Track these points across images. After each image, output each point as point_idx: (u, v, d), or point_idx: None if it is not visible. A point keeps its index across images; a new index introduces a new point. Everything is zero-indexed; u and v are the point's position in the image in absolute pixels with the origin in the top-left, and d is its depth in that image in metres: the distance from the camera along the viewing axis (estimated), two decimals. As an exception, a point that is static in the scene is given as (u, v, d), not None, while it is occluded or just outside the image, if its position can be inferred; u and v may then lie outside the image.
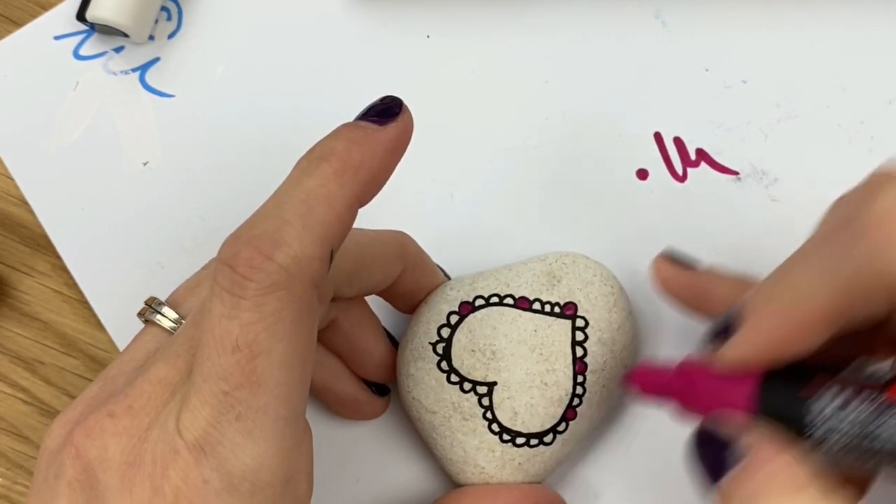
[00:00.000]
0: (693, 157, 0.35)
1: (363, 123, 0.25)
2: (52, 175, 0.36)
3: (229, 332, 0.22)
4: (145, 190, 0.36)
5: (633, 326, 0.32)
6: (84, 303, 0.35)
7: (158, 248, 0.35)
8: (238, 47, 0.37)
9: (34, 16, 0.37)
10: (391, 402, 0.34)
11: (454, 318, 0.31)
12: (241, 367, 0.22)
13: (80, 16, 0.36)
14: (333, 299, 0.29)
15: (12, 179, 0.36)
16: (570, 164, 0.36)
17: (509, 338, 0.31)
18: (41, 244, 0.36)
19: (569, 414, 0.31)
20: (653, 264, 0.31)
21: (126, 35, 0.36)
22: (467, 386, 0.30)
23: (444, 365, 0.31)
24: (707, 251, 0.35)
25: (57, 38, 0.37)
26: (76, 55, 0.37)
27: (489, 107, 0.36)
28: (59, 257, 0.35)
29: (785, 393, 0.24)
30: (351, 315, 0.31)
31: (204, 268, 0.29)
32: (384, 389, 0.33)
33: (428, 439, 0.31)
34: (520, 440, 0.30)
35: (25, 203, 0.36)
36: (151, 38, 0.37)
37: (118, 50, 0.37)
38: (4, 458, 0.35)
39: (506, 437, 0.30)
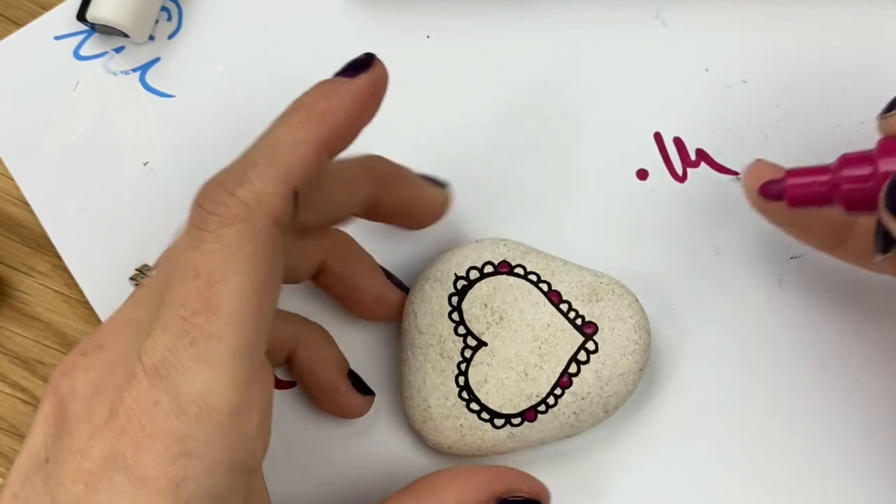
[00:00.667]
0: (693, 157, 0.35)
1: (334, 78, 0.27)
2: (52, 175, 0.36)
3: (192, 262, 0.23)
4: (145, 190, 0.36)
5: (634, 381, 0.32)
6: (84, 303, 0.35)
7: (159, 248, 0.35)
8: (238, 47, 0.37)
9: (34, 16, 0.37)
10: (390, 409, 0.34)
11: (489, 269, 0.32)
12: (198, 294, 0.23)
13: (81, 16, 0.36)
14: (304, 234, 0.30)
15: (12, 179, 0.36)
16: (570, 164, 0.35)
17: (523, 316, 0.31)
18: (41, 244, 0.36)
19: (528, 414, 0.31)
20: (746, 170, 0.30)
21: (126, 35, 0.36)
22: (461, 330, 0.31)
23: (454, 300, 0.31)
24: (707, 251, 0.35)
25: (57, 38, 0.37)
26: (76, 55, 0.37)
27: (489, 107, 0.36)
28: (59, 257, 0.35)
29: None
30: (339, 255, 0.32)
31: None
32: (367, 389, 0.33)
33: (403, 354, 0.32)
34: (474, 406, 0.31)
35: (25, 203, 0.36)
36: (151, 38, 0.37)
37: (118, 50, 0.37)
38: (4, 458, 0.35)
39: (465, 395, 0.31)
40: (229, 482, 0.24)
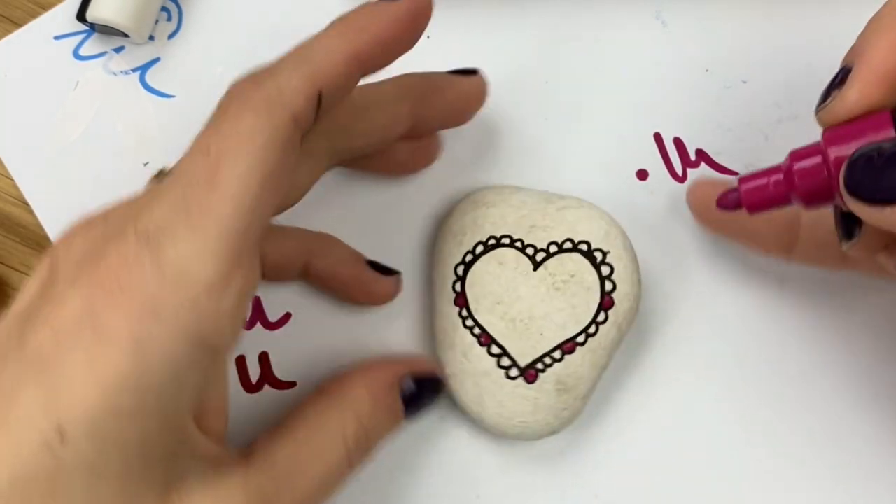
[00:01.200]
0: (693, 157, 0.35)
1: (379, 0, 0.27)
2: (52, 175, 0.36)
3: (205, 139, 0.25)
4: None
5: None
6: (84, 303, 0.35)
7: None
8: (238, 47, 0.37)
9: (34, 16, 0.37)
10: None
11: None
12: (204, 168, 0.24)
13: (80, 16, 0.36)
14: (340, 162, 0.31)
15: (12, 179, 0.36)
16: (570, 164, 0.36)
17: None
18: (41, 244, 0.36)
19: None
20: (689, 190, 0.31)
21: (126, 35, 0.36)
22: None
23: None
24: (708, 251, 0.35)
25: (57, 38, 0.37)
26: (76, 55, 0.37)
27: (489, 107, 0.36)
28: (59, 257, 0.35)
29: None
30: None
31: None
32: (390, 271, 0.33)
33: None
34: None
35: (25, 203, 0.36)
36: (151, 38, 0.37)
37: (118, 50, 0.37)
38: (4, 459, 0.35)
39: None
40: (190, 355, 0.24)
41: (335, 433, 0.28)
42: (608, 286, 0.31)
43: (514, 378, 0.31)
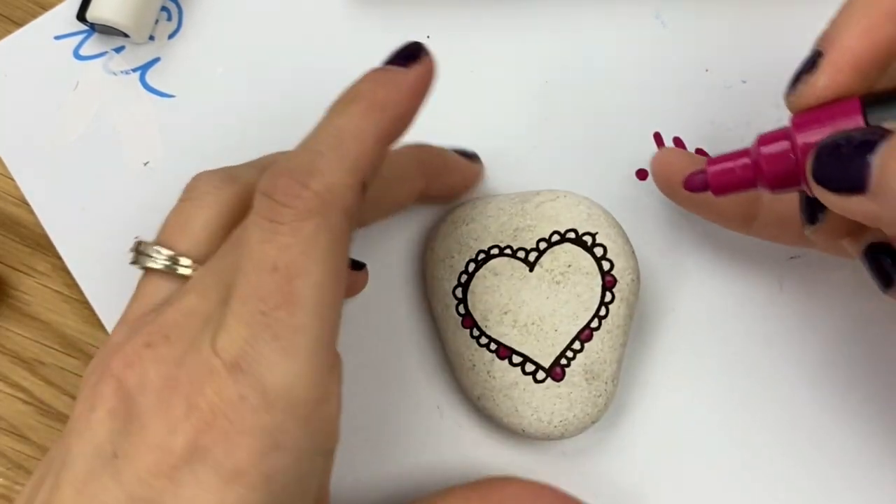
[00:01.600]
0: (693, 157, 0.35)
1: (388, 66, 0.27)
2: (52, 175, 0.36)
3: (268, 255, 0.23)
4: (145, 190, 0.36)
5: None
6: (84, 303, 0.35)
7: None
8: (238, 47, 0.37)
9: (34, 16, 0.37)
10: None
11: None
12: (279, 287, 0.23)
13: (81, 16, 0.36)
14: (361, 225, 0.31)
15: (12, 179, 0.36)
16: (570, 163, 0.35)
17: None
18: (41, 244, 0.36)
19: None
20: (654, 159, 0.30)
21: (126, 35, 0.36)
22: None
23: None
24: (708, 251, 0.35)
25: (57, 38, 0.37)
26: (76, 55, 0.37)
27: (489, 107, 0.36)
28: (59, 257, 0.35)
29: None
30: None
31: (180, 200, 0.29)
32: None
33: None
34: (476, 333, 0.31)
35: (25, 203, 0.36)
36: (152, 38, 0.37)
37: (118, 50, 0.37)
38: (4, 458, 0.35)
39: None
40: (312, 467, 0.24)
41: None
42: (606, 265, 0.31)
43: (542, 381, 0.31)
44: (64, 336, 0.35)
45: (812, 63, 0.25)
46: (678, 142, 0.35)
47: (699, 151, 0.35)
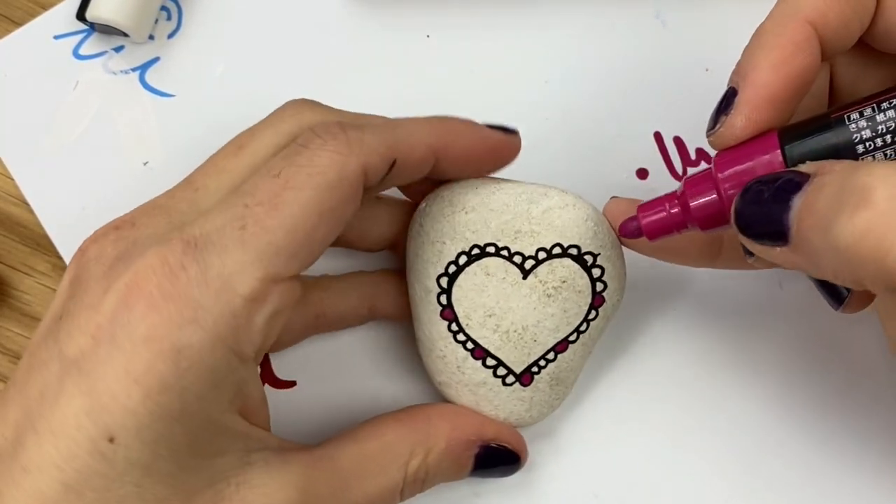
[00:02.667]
0: (693, 156, 0.35)
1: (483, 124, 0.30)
2: (52, 175, 0.36)
3: (277, 165, 0.25)
4: (145, 190, 0.35)
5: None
6: (84, 303, 0.35)
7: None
8: (238, 47, 0.37)
9: (34, 15, 0.37)
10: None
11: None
12: (270, 190, 0.25)
13: (80, 15, 0.36)
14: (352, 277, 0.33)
15: (12, 179, 0.36)
16: (570, 164, 0.36)
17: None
18: (41, 244, 0.36)
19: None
20: (605, 208, 0.30)
21: (126, 35, 0.36)
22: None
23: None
24: (707, 251, 0.35)
25: (57, 37, 0.37)
26: (76, 55, 0.37)
27: (489, 107, 0.36)
28: (59, 257, 0.35)
29: (811, 127, 0.24)
30: (388, 297, 0.33)
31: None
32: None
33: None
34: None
35: (25, 203, 0.36)
36: (151, 37, 0.37)
37: (118, 49, 0.37)
38: (5, 458, 0.35)
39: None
40: (227, 363, 0.24)
41: (401, 459, 0.29)
42: (599, 287, 0.31)
43: (510, 385, 0.31)
44: (64, 336, 0.35)
45: (728, 101, 0.25)
46: (678, 141, 0.36)
47: (699, 151, 0.35)
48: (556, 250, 0.30)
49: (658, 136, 0.36)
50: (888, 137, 0.23)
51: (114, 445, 0.23)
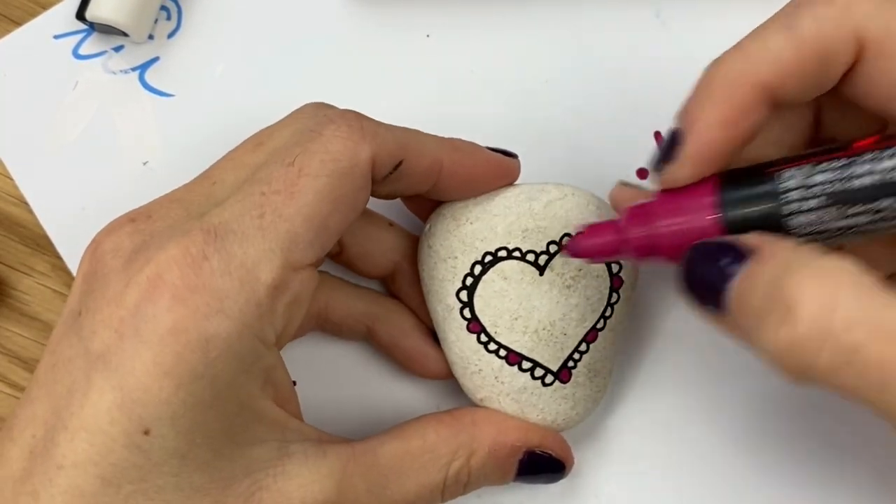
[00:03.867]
0: (693, 156, 0.35)
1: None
2: (52, 175, 0.36)
3: (292, 152, 0.26)
4: (145, 190, 0.35)
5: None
6: (84, 303, 0.35)
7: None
8: (238, 47, 0.37)
9: (33, 15, 0.37)
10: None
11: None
12: (286, 178, 0.25)
13: (80, 15, 0.36)
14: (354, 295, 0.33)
15: (12, 179, 0.36)
16: (570, 164, 0.36)
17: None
18: (41, 244, 0.36)
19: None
20: (613, 193, 0.30)
21: (126, 34, 0.36)
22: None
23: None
24: (707, 251, 0.35)
25: (56, 37, 0.37)
26: (76, 54, 0.37)
27: (489, 107, 0.36)
28: (59, 257, 0.35)
29: (749, 179, 0.24)
30: (385, 321, 0.33)
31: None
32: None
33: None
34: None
35: (25, 203, 0.36)
36: (151, 37, 0.37)
37: (118, 49, 0.37)
38: (4, 458, 0.35)
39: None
40: (253, 350, 0.25)
41: (443, 459, 0.29)
42: (615, 268, 0.31)
43: (550, 384, 0.30)
44: (64, 336, 0.35)
45: (673, 145, 0.25)
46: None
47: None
48: (566, 240, 0.30)
49: (658, 136, 0.36)
50: (819, 200, 0.23)
51: (149, 437, 0.23)
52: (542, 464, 0.30)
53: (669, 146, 0.25)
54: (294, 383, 0.34)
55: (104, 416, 0.23)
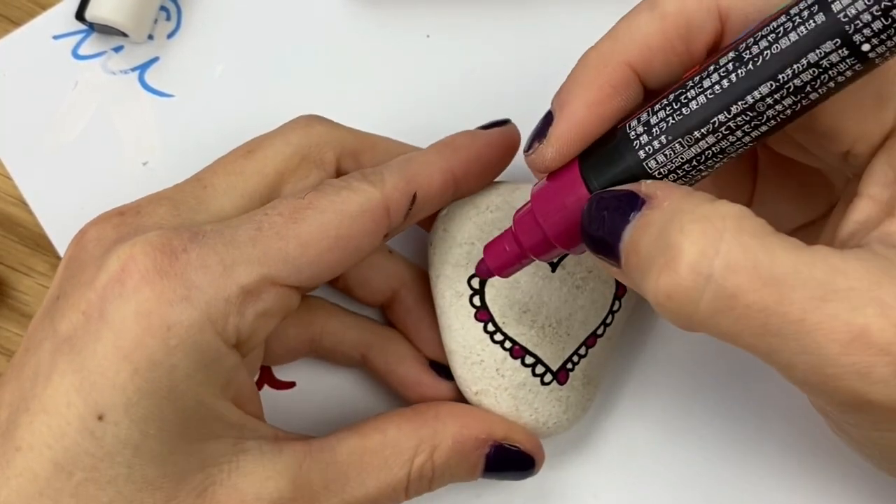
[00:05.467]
0: (693, 157, 0.35)
1: (476, 130, 0.31)
2: (52, 175, 0.36)
3: (304, 190, 0.27)
4: (145, 190, 0.35)
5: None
6: (83, 303, 0.35)
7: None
8: (238, 47, 0.37)
9: (33, 15, 0.37)
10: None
11: None
12: (293, 207, 0.26)
13: (80, 15, 0.36)
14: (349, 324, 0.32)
15: (11, 179, 0.36)
16: (570, 164, 0.35)
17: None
18: (41, 244, 0.36)
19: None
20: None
21: (125, 35, 0.36)
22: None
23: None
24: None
25: (56, 37, 0.37)
26: (75, 55, 0.37)
27: (489, 107, 0.36)
28: (58, 257, 0.35)
29: (602, 141, 0.24)
30: (414, 290, 0.32)
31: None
32: (450, 375, 0.32)
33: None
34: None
35: (25, 203, 0.36)
36: (151, 37, 0.37)
37: (117, 49, 0.37)
38: (4, 459, 0.35)
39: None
40: (215, 346, 0.24)
41: (405, 455, 0.28)
42: None
43: (548, 384, 0.30)
44: (63, 336, 0.35)
45: (545, 126, 0.25)
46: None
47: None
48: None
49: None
50: (665, 137, 0.23)
51: (103, 423, 0.23)
52: (511, 459, 0.30)
53: (541, 127, 0.26)
54: (294, 384, 0.34)
55: (62, 399, 0.23)
